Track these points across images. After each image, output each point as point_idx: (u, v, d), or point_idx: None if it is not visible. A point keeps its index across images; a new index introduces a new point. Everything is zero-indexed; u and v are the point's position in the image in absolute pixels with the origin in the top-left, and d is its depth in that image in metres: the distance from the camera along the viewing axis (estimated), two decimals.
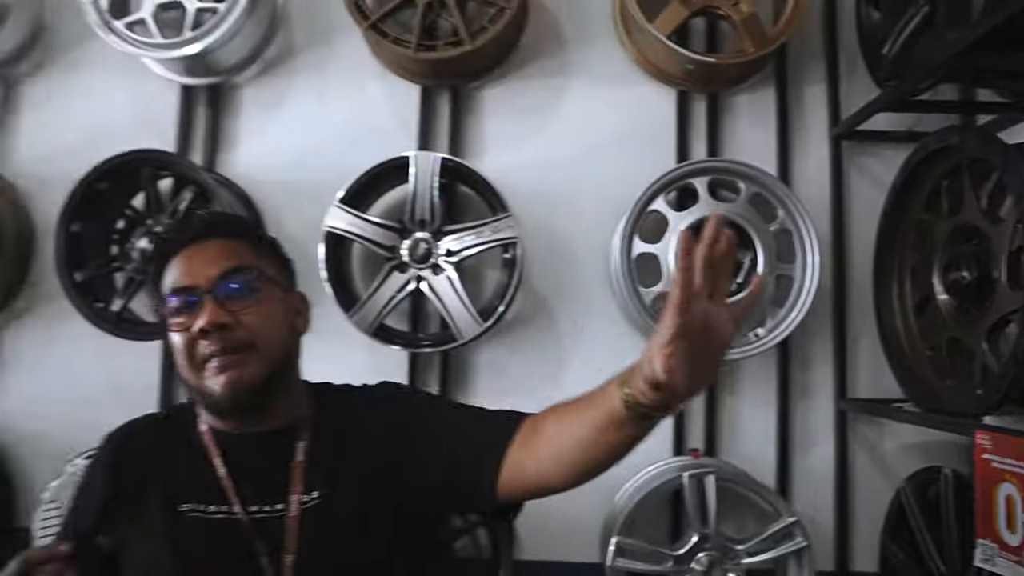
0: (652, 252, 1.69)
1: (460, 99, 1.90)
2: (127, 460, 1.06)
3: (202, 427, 1.07)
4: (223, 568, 1.00)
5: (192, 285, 1.01)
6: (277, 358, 1.03)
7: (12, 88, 2.04)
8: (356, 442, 1.07)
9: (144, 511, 1.02)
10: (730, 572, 1.67)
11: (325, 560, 1.00)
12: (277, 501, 1.02)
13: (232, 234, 1.08)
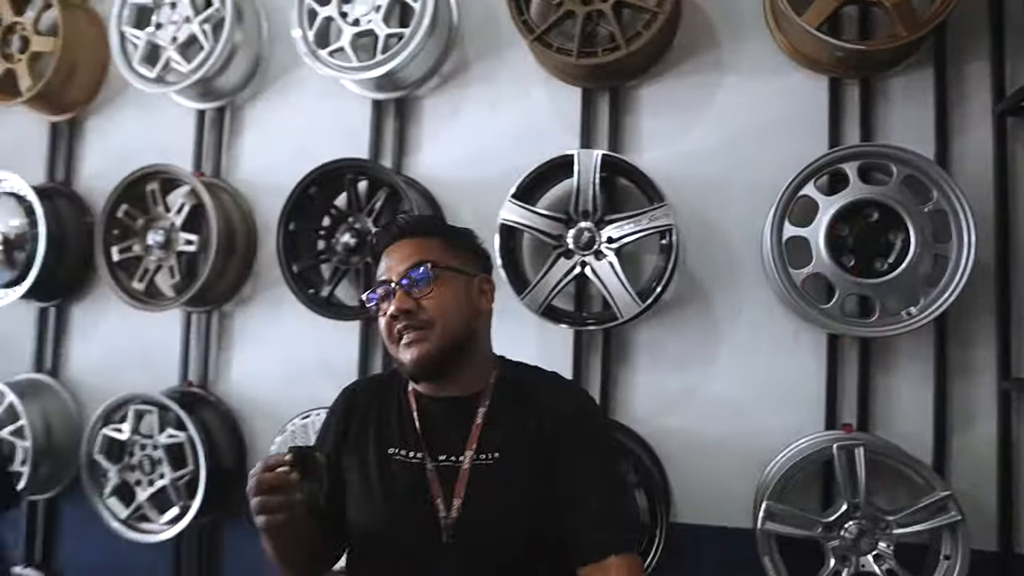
0: (802, 235, 1.77)
1: (619, 99, 2.06)
2: (354, 409, 1.33)
3: (409, 389, 1.31)
4: (411, 500, 1.23)
5: (387, 279, 1.25)
6: (455, 333, 1.22)
7: (237, 111, 2.44)
8: (530, 422, 1.24)
9: (363, 449, 1.28)
10: (881, 541, 1.73)
11: (484, 507, 1.20)
12: (456, 454, 1.23)
13: (423, 233, 1.30)
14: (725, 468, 1.96)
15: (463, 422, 1.25)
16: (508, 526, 1.22)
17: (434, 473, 1.23)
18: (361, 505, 1.27)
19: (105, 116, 2.62)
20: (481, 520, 1.21)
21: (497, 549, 1.21)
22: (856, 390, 1.89)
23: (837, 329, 1.80)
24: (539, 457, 1.23)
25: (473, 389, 1.27)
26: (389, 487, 1.24)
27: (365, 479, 1.27)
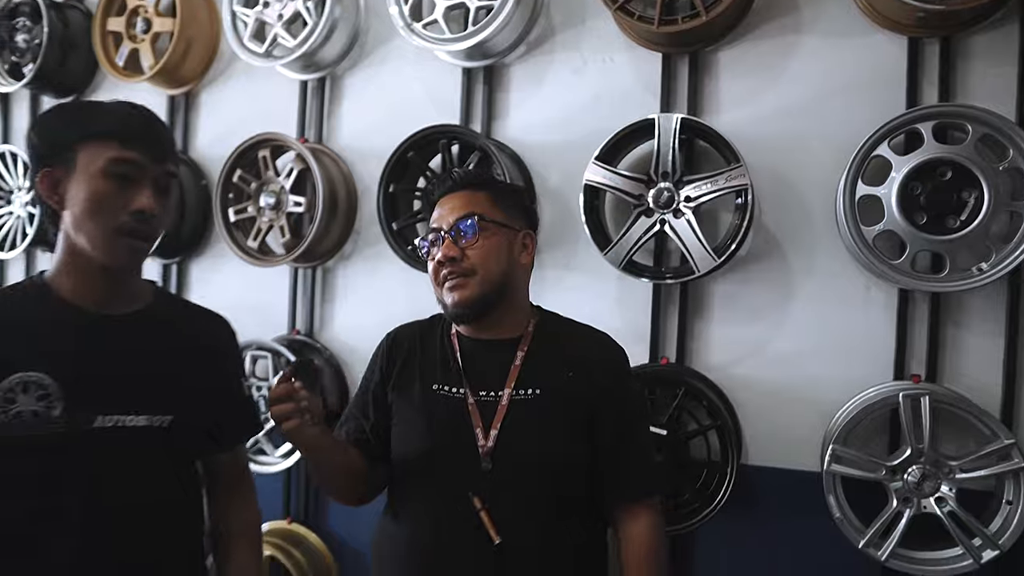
0: (875, 194, 1.85)
1: (698, 62, 2.15)
2: (397, 350, 1.48)
3: (452, 331, 1.45)
4: (451, 430, 1.36)
5: (438, 228, 1.39)
6: (494, 282, 1.36)
7: (336, 81, 2.63)
8: (567, 366, 1.38)
9: (410, 384, 1.42)
10: (943, 485, 1.83)
11: (518, 437, 1.34)
12: (495, 390, 1.36)
13: (473, 187, 1.42)
14: (793, 415, 2.08)
15: (502, 362, 1.38)
16: (540, 457, 1.34)
17: (474, 406, 1.36)
18: (406, 434, 1.41)
19: (216, 89, 2.85)
20: (515, 449, 1.33)
21: (529, 477, 1.33)
22: (925, 343, 1.96)
23: (908, 284, 1.88)
24: (573, 399, 1.36)
25: (512, 334, 1.41)
26: (433, 418, 1.38)
27: (410, 411, 1.41)
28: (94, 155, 1.17)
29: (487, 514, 1.30)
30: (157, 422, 1.21)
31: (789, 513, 2.07)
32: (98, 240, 1.17)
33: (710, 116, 2.14)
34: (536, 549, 1.32)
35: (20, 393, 1.14)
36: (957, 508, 1.80)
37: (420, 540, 1.37)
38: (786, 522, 2.07)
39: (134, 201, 1.17)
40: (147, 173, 1.19)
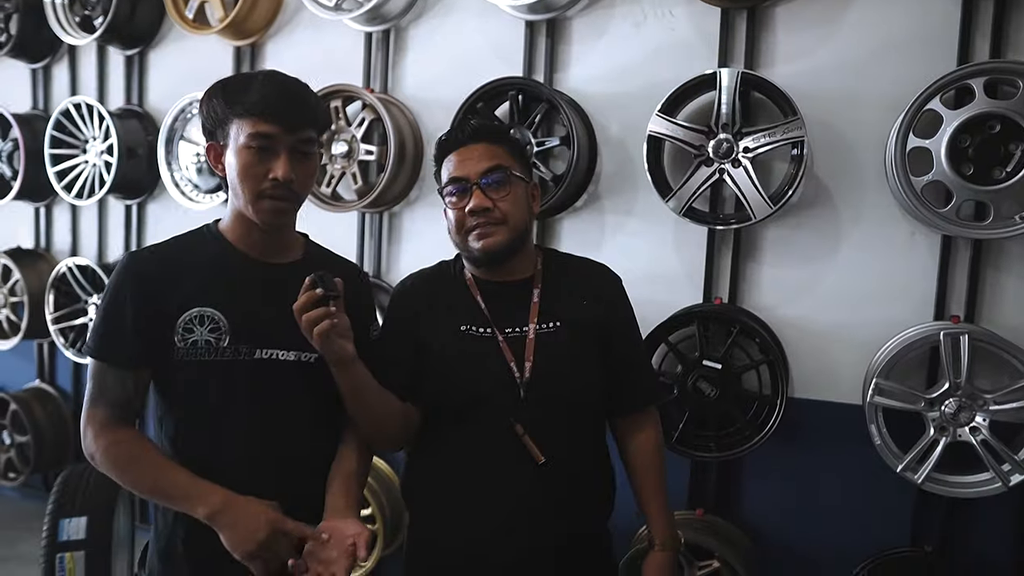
0: (925, 146, 1.96)
1: (756, 18, 2.24)
2: (416, 297, 1.52)
3: (467, 275, 1.51)
4: (490, 366, 1.43)
5: (464, 176, 1.42)
6: (519, 229, 1.44)
7: (401, 33, 2.74)
8: (579, 295, 1.50)
9: (436, 328, 1.48)
10: (978, 416, 1.99)
11: (551, 366, 1.44)
12: (520, 326, 1.46)
13: (493, 140, 1.46)
14: (838, 352, 2.24)
15: (522, 300, 1.48)
16: (570, 381, 1.47)
17: (504, 343, 1.44)
18: (443, 374, 1.46)
19: (281, 40, 2.97)
20: (548, 378, 1.44)
21: (562, 401, 1.45)
22: (965, 286, 2.10)
23: (953, 231, 2.01)
24: (589, 325, 1.48)
25: (525, 274, 1.50)
26: (467, 357, 1.45)
27: (443, 352, 1.46)
28: (240, 130, 1.30)
29: (529, 438, 1.41)
30: (305, 358, 1.38)
31: (831, 441, 2.26)
32: (247, 203, 1.33)
33: (765, 70, 2.24)
34: (574, 463, 1.46)
35: (197, 325, 1.33)
36: (989, 437, 1.97)
37: (469, 471, 1.45)
38: (828, 450, 2.26)
39: (272, 169, 1.30)
40: (282, 143, 1.30)
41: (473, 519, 1.45)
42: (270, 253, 1.41)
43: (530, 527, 1.43)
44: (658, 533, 1.52)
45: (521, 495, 1.43)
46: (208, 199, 2.94)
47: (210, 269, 1.37)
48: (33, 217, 3.63)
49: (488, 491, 1.44)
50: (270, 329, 1.36)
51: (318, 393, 1.41)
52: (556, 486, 1.43)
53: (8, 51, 3.33)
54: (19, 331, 3.43)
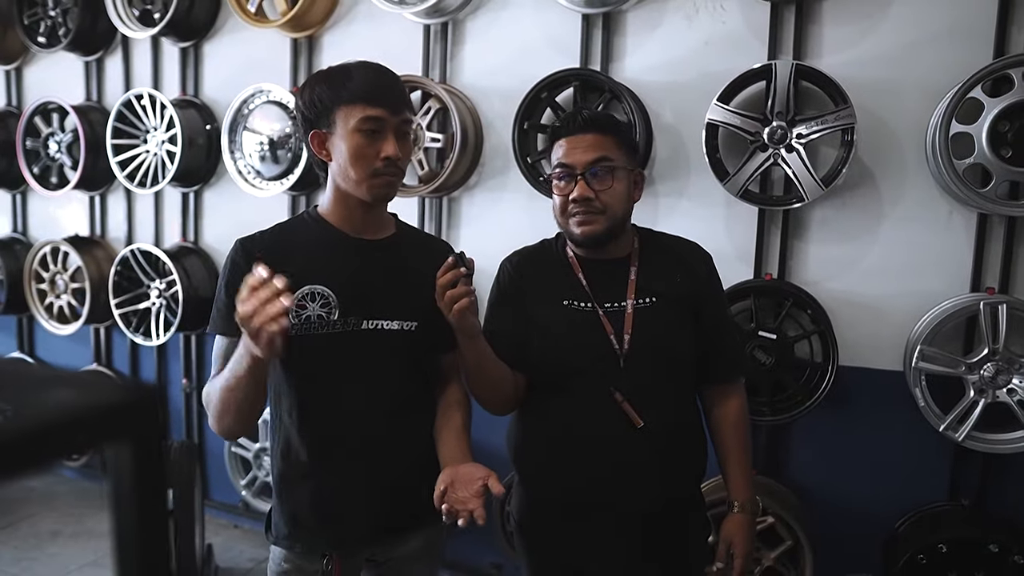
0: (967, 132, 2.13)
1: (803, 10, 2.39)
2: (521, 273, 1.63)
3: (569, 253, 1.61)
4: (589, 337, 1.54)
5: (571, 164, 1.50)
6: (617, 218, 1.53)
7: (459, 25, 2.88)
8: (674, 272, 1.59)
9: (542, 301, 1.59)
10: (1015, 378, 2.17)
11: (647, 337, 1.53)
12: (619, 301, 1.55)
13: (602, 130, 1.52)
14: (881, 322, 2.42)
15: (620, 277, 1.57)
16: (666, 352, 1.56)
17: (604, 317, 1.54)
18: (548, 346, 1.57)
19: (338, 32, 3.10)
20: (645, 349, 1.53)
21: (658, 370, 1.55)
22: (1000, 260, 2.27)
23: (991, 209, 2.18)
24: (682, 299, 1.58)
25: (623, 252, 1.60)
26: (571, 329, 1.55)
27: (548, 322, 1.57)
28: (347, 116, 1.40)
29: (629, 404, 1.52)
30: (407, 326, 1.51)
31: (873, 406, 2.44)
32: (360, 182, 1.42)
33: (813, 60, 2.40)
34: (669, 427, 1.56)
35: (309, 301, 1.45)
36: None
37: (573, 434, 1.56)
38: (870, 413, 2.44)
39: (382, 149, 1.40)
40: (389, 125, 1.41)
41: (576, 478, 1.57)
42: (368, 230, 1.52)
43: (629, 486, 1.55)
44: (738, 496, 1.62)
45: (621, 456, 1.54)
46: (271, 186, 3.08)
47: (316, 249, 1.48)
48: (88, 205, 3.77)
49: (590, 452, 1.55)
50: (375, 301, 1.49)
51: (417, 358, 1.55)
52: (653, 448, 1.54)
53: (66, 45, 3.44)
54: (79, 317, 3.57)
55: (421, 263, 1.51)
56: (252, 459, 3.23)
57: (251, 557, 3.29)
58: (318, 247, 1.49)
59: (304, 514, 1.53)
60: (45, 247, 3.62)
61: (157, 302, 3.34)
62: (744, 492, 1.63)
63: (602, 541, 1.60)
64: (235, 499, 3.46)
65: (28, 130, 3.57)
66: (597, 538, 1.59)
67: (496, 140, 2.80)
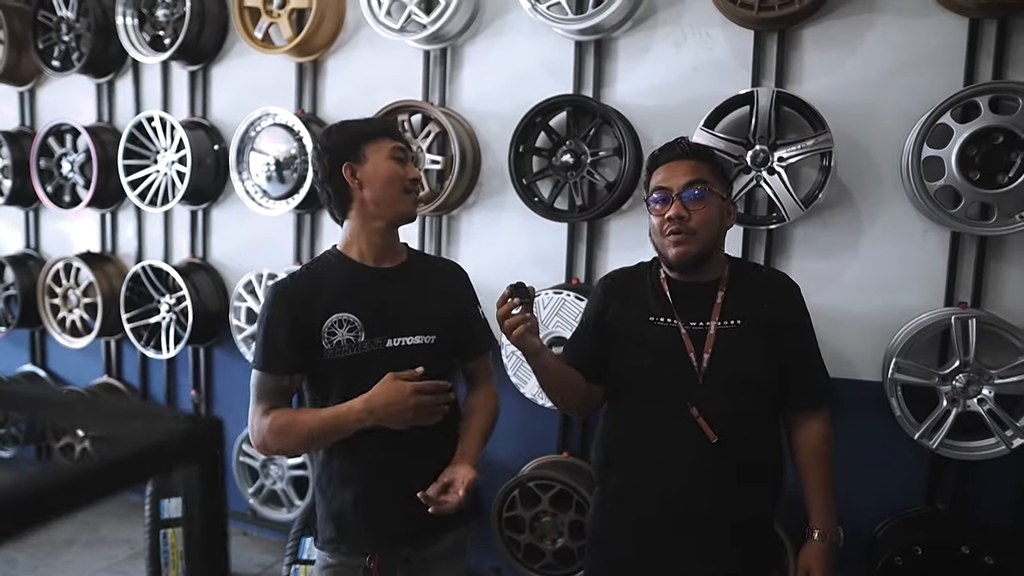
0: (937, 155, 2.25)
1: (785, 39, 2.51)
2: (613, 291, 1.75)
3: (662, 275, 1.69)
4: (672, 353, 1.62)
5: (668, 187, 1.60)
6: (709, 241, 1.61)
7: (457, 51, 3.01)
8: (757, 302, 1.64)
9: (628, 316, 1.70)
10: (984, 389, 2.29)
11: (726, 357, 1.59)
12: (703, 321, 1.62)
13: (698, 157, 1.64)
14: (860, 335, 2.53)
15: (707, 299, 1.64)
16: (743, 374, 1.61)
17: (686, 335, 1.62)
18: (630, 356, 1.66)
19: (341, 57, 3.23)
20: (723, 368, 1.59)
21: (735, 390, 1.60)
22: (972, 276, 2.39)
23: (962, 229, 2.31)
24: (767, 325, 1.63)
25: (712, 277, 1.66)
26: (653, 343, 1.64)
27: (632, 337, 1.67)
28: (378, 148, 1.66)
29: (704, 419, 1.58)
30: (427, 340, 1.68)
31: (851, 415, 2.53)
32: (395, 200, 1.65)
33: (794, 86, 2.52)
34: (744, 444, 1.61)
35: (338, 328, 1.63)
36: (995, 407, 2.28)
37: (650, 440, 1.64)
38: (849, 422, 2.54)
39: (409, 172, 1.68)
40: (409, 154, 1.72)
41: (653, 486, 1.64)
42: (385, 259, 1.71)
43: (703, 496, 1.61)
44: (818, 524, 1.66)
45: (696, 469, 1.60)
46: (277, 205, 3.20)
47: (340, 282, 1.67)
48: (99, 223, 3.89)
49: (667, 463, 1.62)
50: (395, 321, 1.66)
51: (441, 367, 1.71)
52: (727, 463, 1.59)
53: (80, 68, 3.57)
54: (91, 330, 3.69)
55: (433, 283, 1.75)
56: (259, 468, 3.34)
57: (259, 563, 3.40)
58: (341, 281, 1.67)
59: (347, 519, 1.69)
60: (58, 263, 3.75)
61: (167, 316, 3.46)
62: (824, 520, 1.67)
63: (672, 549, 1.65)
64: (243, 507, 3.57)
65: (42, 150, 3.70)
66: (668, 546, 1.65)
67: (493, 162, 2.93)
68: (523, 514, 2.75)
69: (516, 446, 2.90)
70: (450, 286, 1.81)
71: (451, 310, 1.76)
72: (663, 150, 1.69)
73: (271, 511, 3.34)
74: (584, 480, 2.69)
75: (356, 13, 3.08)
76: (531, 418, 2.85)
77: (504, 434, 1.83)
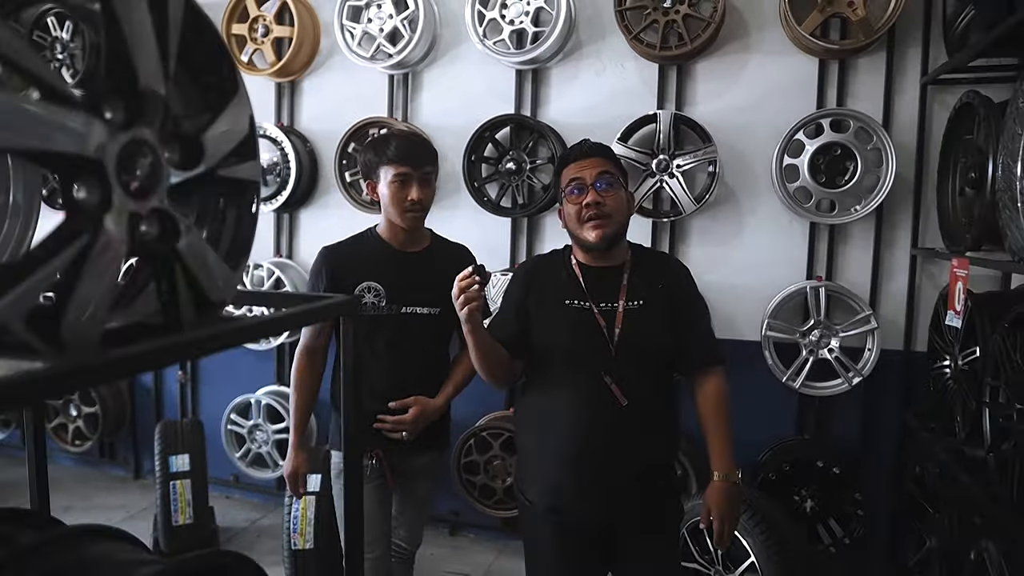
0: (794, 163, 2.94)
1: (683, 71, 3.18)
2: (533, 275, 1.93)
3: (573, 261, 1.88)
4: (588, 331, 1.79)
5: (582, 178, 1.79)
6: (620, 224, 1.83)
7: (418, 75, 3.58)
8: (657, 280, 1.84)
9: (547, 299, 1.87)
10: (833, 341, 2.99)
11: (636, 332, 1.78)
12: (612, 302, 1.81)
13: (604, 155, 1.85)
14: (743, 304, 3.21)
15: (614, 282, 1.83)
16: (649, 345, 1.81)
17: (599, 314, 1.80)
18: (549, 335, 1.83)
19: (316, 78, 3.76)
20: (632, 342, 1.78)
21: (643, 359, 1.80)
22: (825, 256, 3.10)
23: (815, 219, 3.01)
24: (666, 301, 1.84)
25: (617, 261, 1.86)
26: (570, 323, 1.81)
27: (550, 316, 1.84)
28: (387, 171, 2.10)
29: (617, 387, 1.76)
30: (432, 311, 2.17)
31: (738, 368, 3.20)
32: (396, 215, 2.12)
33: (690, 108, 3.19)
34: (649, 406, 1.81)
35: (366, 292, 2.14)
36: (841, 355, 2.98)
37: (571, 406, 1.80)
38: (743, 373, 3.17)
39: (408, 195, 2.09)
40: (413, 177, 2.09)
41: (569, 446, 1.81)
42: (409, 245, 2.20)
43: (614, 454, 1.79)
44: (719, 466, 1.84)
45: (608, 430, 1.78)
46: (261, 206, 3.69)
47: (372, 257, 2.16)
48: None
49: (582, 425, 1.79)
50: (410, 294, 2.16)
51: (439, 334, 2.24)
52: (635, 423, 1.78)
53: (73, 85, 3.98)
54: None
55: (446, 266, 2.03)
56: (246, 434, 3.82)
57: (245, 518, 3.88)
58: (373, 256, 2.17)
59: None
60: None
61: None
62: (723, 463, 1.84)
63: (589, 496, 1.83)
64: (227, 474, 4.03)
65: None
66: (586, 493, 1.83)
67: (449, 168, 3.50)
68: (478, 459, 3.32)
69: (471, 404, 3.47)
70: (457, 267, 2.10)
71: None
72: (572, 150, 1.91)
73: (257, 472, 3.81)
74: None
75: (329, 40, 3.62)
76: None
77: (462, 395, 2.31)
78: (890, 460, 3.11)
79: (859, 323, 2.96)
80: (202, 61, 0.83)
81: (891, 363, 3.02)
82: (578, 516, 1.85)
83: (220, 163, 0.87)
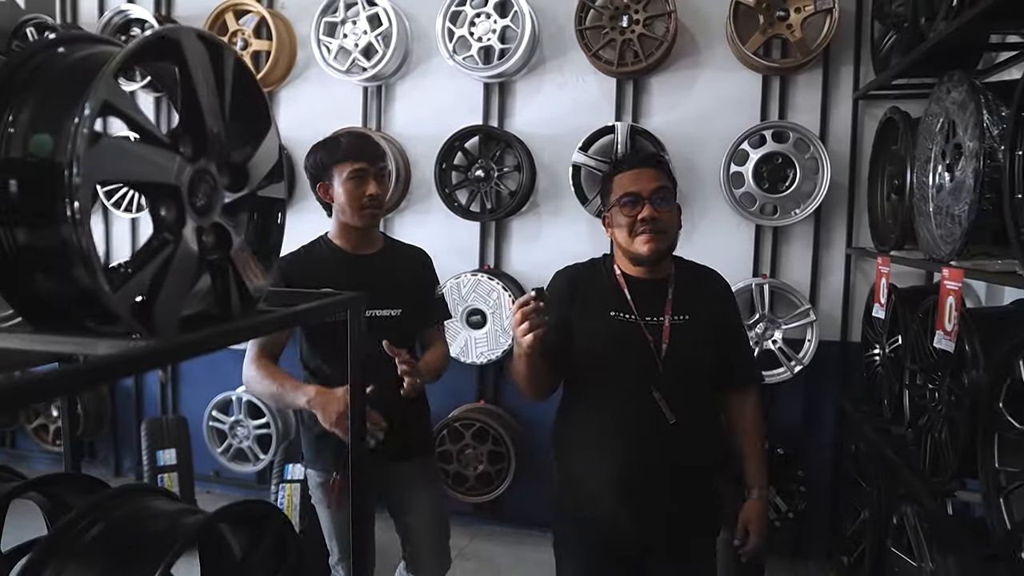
0: (740, 171, 3.22)
1: (639, 85, 3.44)
2: (576, 285, 1.83)
3: (616, 271, 1.81)
4: (634, 345, 1.73)
5: (638, 192, 1.72)
6: (673, 239, 1.78)
7: (389, 87, 3.78)
8: (702, 296, 1.82)
9: (589, 312, 1.80)
10: (776, 332, 3.27)
11: (681, 348, 1.74)
12: (658, 315, 1.76)
13: (659, 168, 1.80)
14: None
15: (660, 296, 1.78)
16: (696, 361, 1.77)
17: (645, 328, 1.75)
18: (593, 348, 1.76)
19: (293, 89, 3.93)
20: (679, 357, 1.74)
21: (690, 375, 1.76)
22: (770, 255, 3.38)
23: (760, 222, 3.29)
24: (710, 316, 1.81)
25: (662, 275, 1.82)
26: (616, 336, 1.75)
27: (594, 328, 1.77)
28: (340, 170, 2.04)
29: (665, 403, 1.72)
30: (393, 313, 2.12)
31: None
32: (353, 214, 2.06)
33: (646, 119, 3.45)
34: (696, 422, 1.77)
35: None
36: (784, 346, 3.26)
37: (616, 422, 1.76)
38: None
39: (367, 191, 2.04)
40: (370, 173, 2.05)
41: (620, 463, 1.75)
42: (363, 247, 2.16)
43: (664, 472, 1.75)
44: (755, 483, 1.85)
45: (657, 447, 1.74)
46: None
47: (326, 263, 2.11)
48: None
49: (629, 441, 1.75)
50: (370, 296, 2.12)
51: (403, 335, 2.13)
52: (682, 440, 1.74)
53: None
54: None
55: (402, 267, 2.16)
56: (227, 430, 3.98)
57: None
58: (327, 262, 2.13)
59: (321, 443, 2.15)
60: None
61: None
62: (759, 479, 1.86)
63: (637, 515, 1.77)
64: (208, 469, 4.18)
65: None
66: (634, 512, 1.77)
67: (421, 175, 3.71)
68: (451, 448, 3.53)
69: (444, 396, 3.68)
70: (415, 269, 2.25)
71: (414, 289, 2.19)
72: (627, 158, 1.87)
73: (238, 466, 3.97)
74: (496, 419, 3.51)
75: (306, 53, 3.80)
76: (455, 373, 3.61)
77: (434, 387, 2.36)
78: (829, 440, 3.40)
79: (800, 316, 3.24)
80: (246, 103, 1.03)
81: (829, 353, 3.31)
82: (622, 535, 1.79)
83: (259, 185, 1.08)
